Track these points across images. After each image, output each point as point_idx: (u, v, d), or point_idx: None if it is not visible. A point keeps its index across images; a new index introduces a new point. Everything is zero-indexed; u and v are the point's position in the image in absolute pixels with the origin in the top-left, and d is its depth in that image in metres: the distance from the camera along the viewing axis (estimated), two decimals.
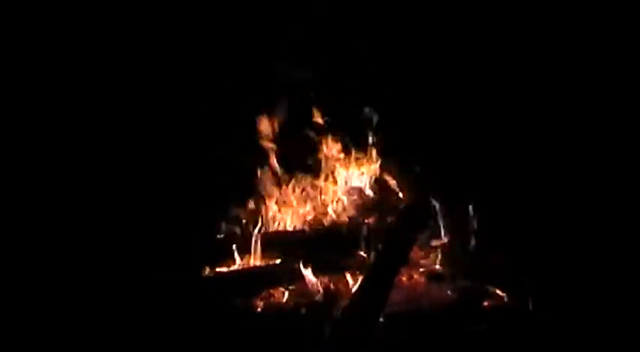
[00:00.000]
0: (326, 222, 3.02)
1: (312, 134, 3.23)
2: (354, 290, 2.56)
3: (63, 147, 3.31)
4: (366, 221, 2.98)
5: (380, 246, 2.76)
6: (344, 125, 3.22)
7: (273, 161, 3.14)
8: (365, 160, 3.19)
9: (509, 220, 3.04)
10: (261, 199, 3.10)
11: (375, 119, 3.21)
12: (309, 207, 3.10)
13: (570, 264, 2.81)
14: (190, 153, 3.40)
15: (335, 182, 3.19)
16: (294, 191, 3.12)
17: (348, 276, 2.72)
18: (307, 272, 2.67)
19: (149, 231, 2.98)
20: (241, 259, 2.84)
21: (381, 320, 2.40)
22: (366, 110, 3.21)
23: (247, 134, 3.32)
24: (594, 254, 2.86)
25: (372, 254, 2.77)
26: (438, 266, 2.85)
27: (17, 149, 3.25)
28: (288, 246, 2.87)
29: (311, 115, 3.26)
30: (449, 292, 2.70)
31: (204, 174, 3.30)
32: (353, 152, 3.20)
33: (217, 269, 2.83)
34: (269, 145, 3.16)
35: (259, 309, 2.61)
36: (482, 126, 3.38)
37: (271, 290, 2.69)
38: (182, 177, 3.31)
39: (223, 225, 3.01)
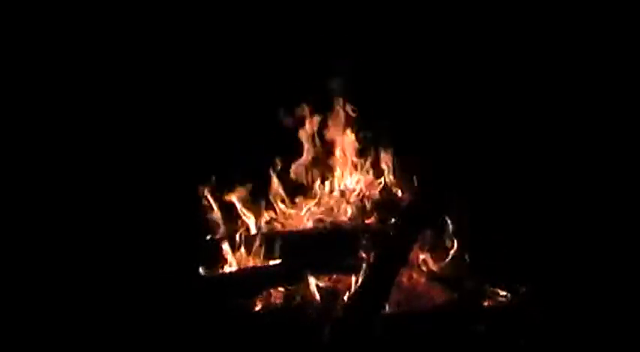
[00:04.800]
0: (326, 222, 3.02)
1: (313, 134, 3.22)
2: (354, 290, 2.56)
3: (62, 147, 3.31)
4: (366, 221, 2.97)
5: (380, 246, 2.75)
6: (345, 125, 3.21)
7: (274, 161, 3.13)
8: (366, 160, 3.19)
9: (510, 220, 3.04)
10: (261, 199, 3.09)
11: (377, 119, 3.20)
12: (309, 207, 3.09)
13: (570, 263, 2.81)
14: (190, 154, 3.39)
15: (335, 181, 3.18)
16: (294, 191, 3.12)
17: (348, 276, 2.71)
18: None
19: (148, 231, 2.98)
20: (241, 259, 2.84)
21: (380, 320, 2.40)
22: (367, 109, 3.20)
23: (249, 134, 3.33)
24: (594, 254, 2.86)
25: (372, 254, 2.77)
26: (438, 267, 2.85)
27: (17, 149, 3.25)
28: (288, 246, 2.87)
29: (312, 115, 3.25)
30: (449, 292, 2.70)
31: (204, 175, 3.30)
32: (354, 152, 3.19)
33: (217, 270, 2.82)
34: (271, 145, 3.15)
35: (259, 309, 2.61)
36: (483, 126, 3.38)
37: (271, 290, 2.68)
38: (182, 178, 3.31)
39: (223, 225, 3.01)
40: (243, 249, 2.83)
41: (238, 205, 2.99)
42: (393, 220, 2.93)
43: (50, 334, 2.43)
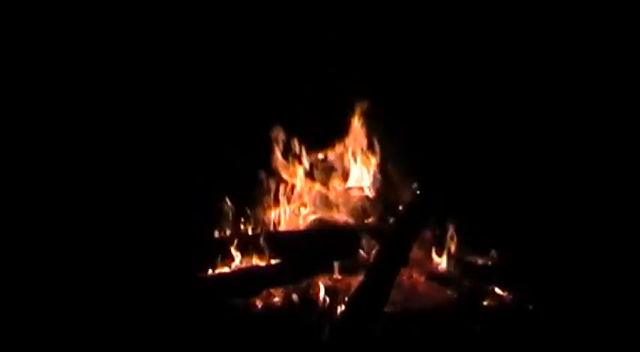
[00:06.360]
0: (326, 222, 3.02)
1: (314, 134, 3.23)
2: (354, 290, 2.56)
3: (58, 148, 3.31)
4: (366, 221, 2.97)
5: (380, 246, 2.75)
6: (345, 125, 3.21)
7: (274, 161, 3.14)
8: (366, 160, 3.19)
9: (509, 220, 3.04)
10: (261, 199, 3.09)
11: (377, 117, 3.20)
12: (309, 206, 3.10)
13: (569, 263, 2.81)
14: (189, 153, 3.39)
15: (336, 181, 3.18)
16: (294, 191, 3.12)
17: (348, 276, 2.72)
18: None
19: (148, 231, 2.98)
20: (241, 259, 2.84)
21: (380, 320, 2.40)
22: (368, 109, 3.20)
23: (248, 134, 3.33)
24: (593, 254, 2.86)
25: (372, 254, 2.77)
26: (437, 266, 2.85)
27: (17, 149, 3.25)
28: (288, 246, 2.87)
29: (313, 115, 3.25)
30: (449, 292, 2.70)
31: (204, 175, 3.30)
32: (354, 151, 3.19)
33: (217, 270, 2.82)
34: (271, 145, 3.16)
35: (259, 309, 2.61)
36: (483, 126, 3.38)
37: (271, 290, 2.69)
38: (181, 178, 3.31)
39: (223, 225, 3.01)
40: (243, 249, 2.83)
41: (238, 205, 3.00)
42: (393, 220, 2.94)
43: (47, 334, 2.43)
